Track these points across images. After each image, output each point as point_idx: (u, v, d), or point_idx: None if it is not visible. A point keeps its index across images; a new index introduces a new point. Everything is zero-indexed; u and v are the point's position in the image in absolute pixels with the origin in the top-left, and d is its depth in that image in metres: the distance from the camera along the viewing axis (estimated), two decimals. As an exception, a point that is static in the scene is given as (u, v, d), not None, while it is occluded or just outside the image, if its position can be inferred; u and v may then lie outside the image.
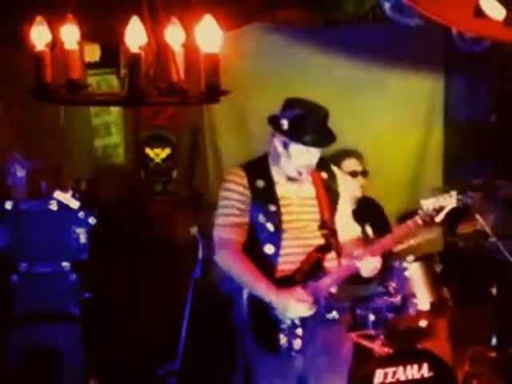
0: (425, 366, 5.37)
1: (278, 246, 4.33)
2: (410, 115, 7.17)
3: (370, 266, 4.36)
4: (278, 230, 4.33)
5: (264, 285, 4.28)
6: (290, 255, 4.36)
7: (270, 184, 4.39)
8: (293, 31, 6.81)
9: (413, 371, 5.35)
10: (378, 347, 5.39)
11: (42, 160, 6.24)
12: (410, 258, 5.62)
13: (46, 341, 5.79)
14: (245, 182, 4.36)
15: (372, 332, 5.51)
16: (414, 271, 5.59)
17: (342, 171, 5.88)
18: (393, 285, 5.54)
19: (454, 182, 6.99)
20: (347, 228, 4.58)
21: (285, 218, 4.35)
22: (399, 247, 5.71)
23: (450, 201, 4.35)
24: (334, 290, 4.44)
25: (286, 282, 4.33)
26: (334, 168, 4.61)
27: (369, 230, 5.97)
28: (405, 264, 5.58)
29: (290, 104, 4.37)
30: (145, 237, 6.67)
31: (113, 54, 6.65)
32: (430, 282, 5.61)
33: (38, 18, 4.31)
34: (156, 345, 6.02)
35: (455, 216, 6.62)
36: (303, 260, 4.36)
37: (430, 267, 5.67)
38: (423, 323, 5.65)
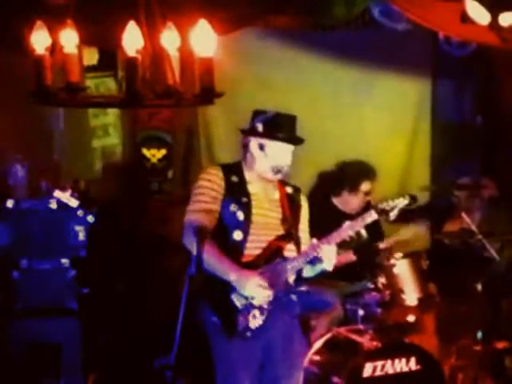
0: (412, 360, 5.42)
1: (246, 233, 4.54)
2: (398, 117, 7.21)
3: (329, 254, 4.53)
4: (248, 219, 4.55)
5: (227, 263, 4.45)
6: (255, 242, 4.56)
7: (243, 181, 4.64)
8: (285, 35, 6.85)
9: (401, 364, 5.40)
10: (367, 341, 5.47)
11: (42, 160, 6.34)
12: (398, 254, 5.74)
13: (46, 335, 5.87)
14: (220, 174, 4.61)
15: (361, 326, 5.61)
16: (402, 268, 5.70)
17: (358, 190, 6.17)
18: (381, 281, 5.65)
19: (441, 182, 7.09)
20: (304, 240, 4.73)
21: (254, 210, 4.58)
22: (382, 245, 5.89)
23: (402, 200, 4.55)
24: (292, 277, 4.60)
25: (249, 267, 4.51)
26: (298, 188, 4.84)
27: (363, 232, 6.11)
28: (393, 261, 5.69)
29: (259, 112, 4.67)
30: (141, 234, 6.77)
31: (110, 57, 6.66)
32: (418, 279, 5.72)
33: (38, 23, 4.33)
34: (153, 339, 6.10)
35: (442, 214, 6.79)
36: (264, 247, 4.57)
37: (418, 264, 5.77)
38: (411, 318, 5.77)
